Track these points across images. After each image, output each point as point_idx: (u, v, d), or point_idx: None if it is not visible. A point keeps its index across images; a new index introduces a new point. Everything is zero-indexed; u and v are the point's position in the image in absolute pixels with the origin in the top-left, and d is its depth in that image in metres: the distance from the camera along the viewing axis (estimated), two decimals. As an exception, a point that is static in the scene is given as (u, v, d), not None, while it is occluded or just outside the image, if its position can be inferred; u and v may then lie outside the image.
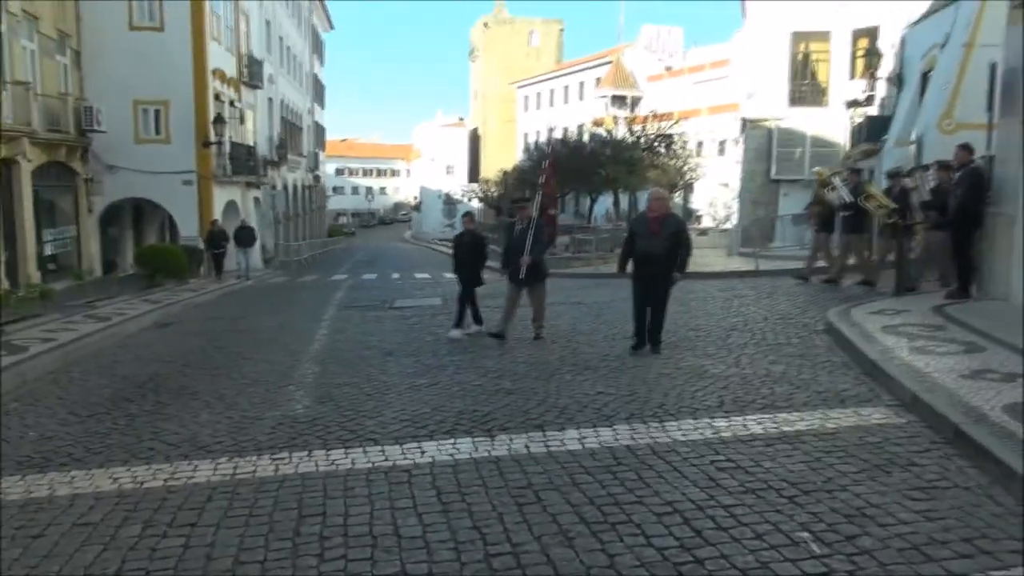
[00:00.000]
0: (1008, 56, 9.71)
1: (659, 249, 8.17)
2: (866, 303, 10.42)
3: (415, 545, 3.80)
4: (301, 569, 3.59)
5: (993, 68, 10.11)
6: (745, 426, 5.60)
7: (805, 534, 3.76)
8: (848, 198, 12.43)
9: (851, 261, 13.17)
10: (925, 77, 17.44)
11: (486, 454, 5.16)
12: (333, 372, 8.13)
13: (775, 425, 5.60)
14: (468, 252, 10.49)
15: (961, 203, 9.60)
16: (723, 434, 5.43)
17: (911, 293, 10.93)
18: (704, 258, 21.20)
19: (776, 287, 13.93)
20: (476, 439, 5.49)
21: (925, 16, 18.14)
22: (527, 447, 5.27)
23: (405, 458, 5.14)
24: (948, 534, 3.72)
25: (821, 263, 14.16)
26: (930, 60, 16.93)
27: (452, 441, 5.47)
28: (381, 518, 4.14)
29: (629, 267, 8.66)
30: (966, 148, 9.91)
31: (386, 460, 5.11)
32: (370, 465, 5.03)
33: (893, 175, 12.80)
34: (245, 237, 23.56)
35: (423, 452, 5.25)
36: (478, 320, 10.41)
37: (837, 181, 12.95)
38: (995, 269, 9.77)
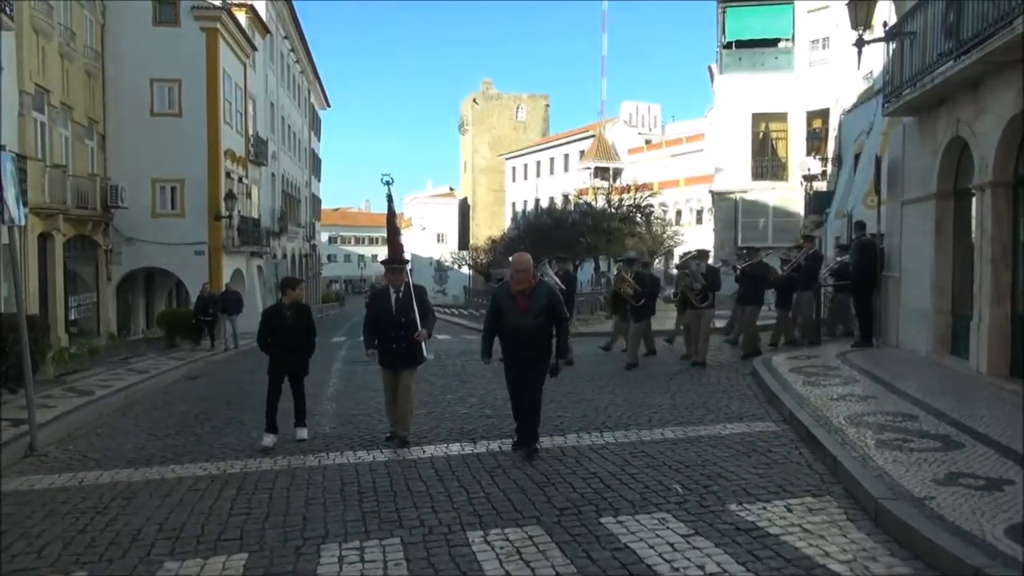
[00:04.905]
0: (890, 150, 12.10)
1: (530, 325, 6.91)
2: (786, 351, 12.53)
3: (422, 496, 5.79)
4: (350, 505, 5.57)
5: (878, 160, 12.50)
6: (662, 434, 7.62)
7: (676, 485, 5.78)
8: (561, 285, 12.93)
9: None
10: (857, 158, 19.96)
11: (470, 451, 7.16)
12: (348, 406, 10.09)
13: (684, 433, 7.62)
14: (294, 332, 8.06)
15: (856, 269, 11.82)
16: (644, 439, 7.45)
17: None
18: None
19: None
20: (463, 444, 7.49)
21: (855, 106, 20.81)
22: (500, 447, 7.27)
23: (412, 455, 7.12)
24: (770, 483, 5.75)
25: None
26: (859, 144, 19.47)
27: (445, 446, 7.46)
28: (397, 483, 6.15)
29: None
30: (860, 225, 12.18)
31: (398, 457, 7.09)
32: (386, 459, 7.01)
33: (630, 261, 13.90)
34: (232, 303, 21.28)
35: (424, 451, 7.25)
36: (303, 418, 8.23)
37: (548, 270, 14.07)
38: (888, 322, 11.94)
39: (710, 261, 14.15)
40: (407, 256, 8.32)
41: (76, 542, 5.06)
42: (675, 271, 14.48)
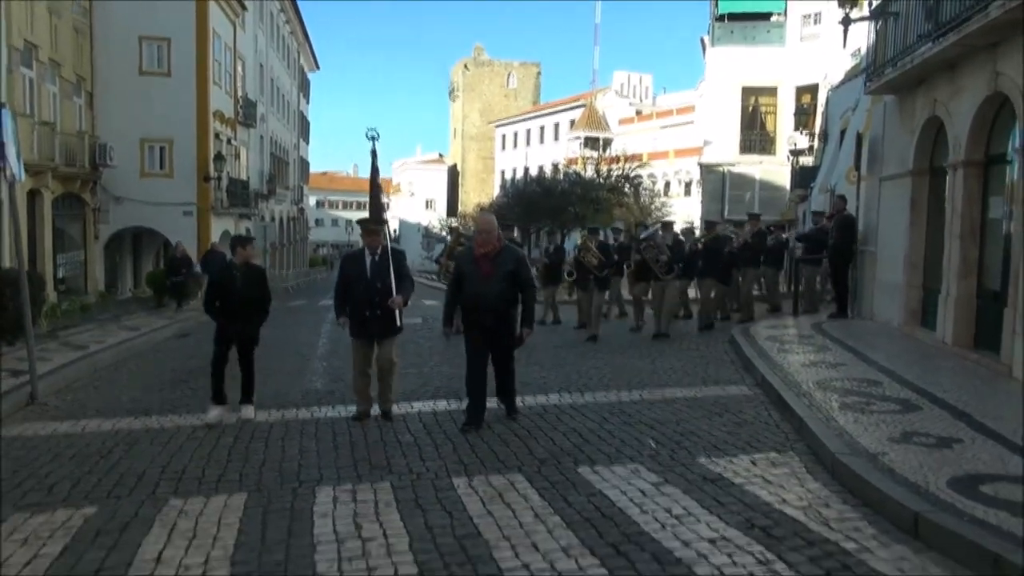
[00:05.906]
0: (872, 127, 12.39)
1: (494, 292, 6.48)
2: (767, 320, 12.93)
3: (410, 446, 6.12)
4: (342, 454, 5.90)
5: (859, 136, 12.81)
6: (640, 395, 7.99)
7: (650, 440, 6.14)
8: None
9: None
10: (843, 134, 20.24)
11: (456, 408, 7.48)
12: (338, 366, 10.38)
13: (661, 395, 7.99)
14: (244, 296, 7.39)
15: (834, 243, 12.18)
16: (623, 399, 7.81)
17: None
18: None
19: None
20: (450, 401, 7.82)
21: (843, 82, 21.03)
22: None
23: (400, 410, 7.44)
24: (738, 440, 6.12)
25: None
26: (845, 120, 19.74)
27: (433, 402, 7.80)
28: (387, 435, 6.49)
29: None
30: (842, 199, 12.52)
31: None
32: (377, 413, 7.32)
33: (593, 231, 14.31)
34: (216, 263, 18.65)
35: (412, 407, 7.58)
36: (250, 395, 7.50)
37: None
38: (864, 295, 12.33)
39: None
40: (387, 217, 7.87)
41: (84, 482, 5.37)
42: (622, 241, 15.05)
